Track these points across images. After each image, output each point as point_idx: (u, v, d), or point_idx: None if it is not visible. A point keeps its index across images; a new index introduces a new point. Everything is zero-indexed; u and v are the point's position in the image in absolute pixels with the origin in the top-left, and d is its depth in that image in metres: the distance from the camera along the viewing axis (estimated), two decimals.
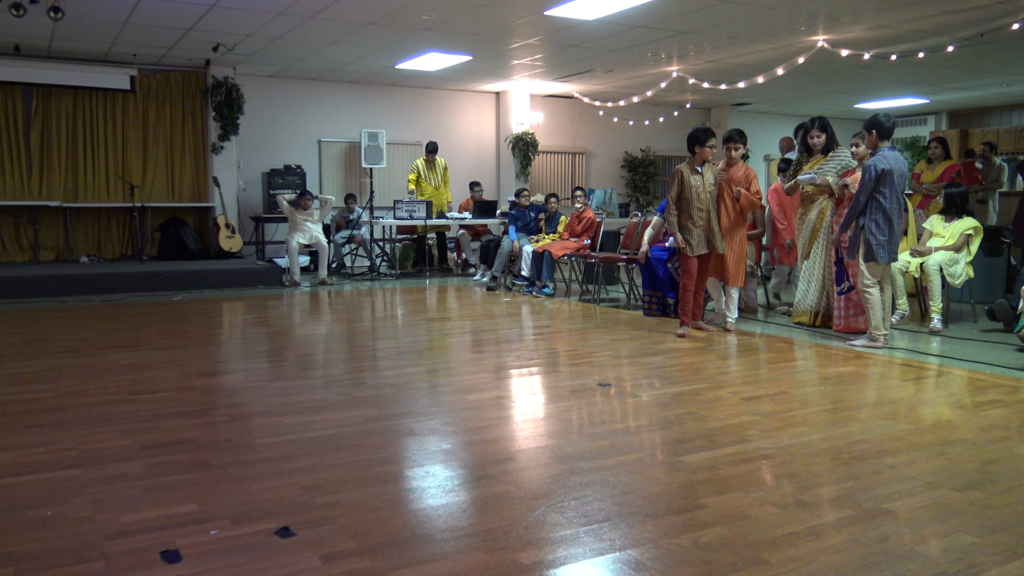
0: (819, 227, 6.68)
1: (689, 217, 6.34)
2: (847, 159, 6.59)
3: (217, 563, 2.41)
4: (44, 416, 4.03)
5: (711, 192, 6.38)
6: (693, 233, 6.34)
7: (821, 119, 6.74)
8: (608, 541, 2.58)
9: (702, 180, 6.38)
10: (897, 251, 5.86)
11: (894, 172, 5.70)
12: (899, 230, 5.84)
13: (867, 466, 3.32)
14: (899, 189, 5.77)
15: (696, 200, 6.32)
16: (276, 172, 11.77)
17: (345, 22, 8.64)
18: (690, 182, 6.36)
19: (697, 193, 6.33)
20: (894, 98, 14.33)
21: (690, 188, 6.34)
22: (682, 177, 6.40)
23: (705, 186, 6.37)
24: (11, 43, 9.71)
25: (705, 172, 6.41)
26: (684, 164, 6.48)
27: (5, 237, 10.73)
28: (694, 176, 6.39)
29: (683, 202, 6.40)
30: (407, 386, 4.74)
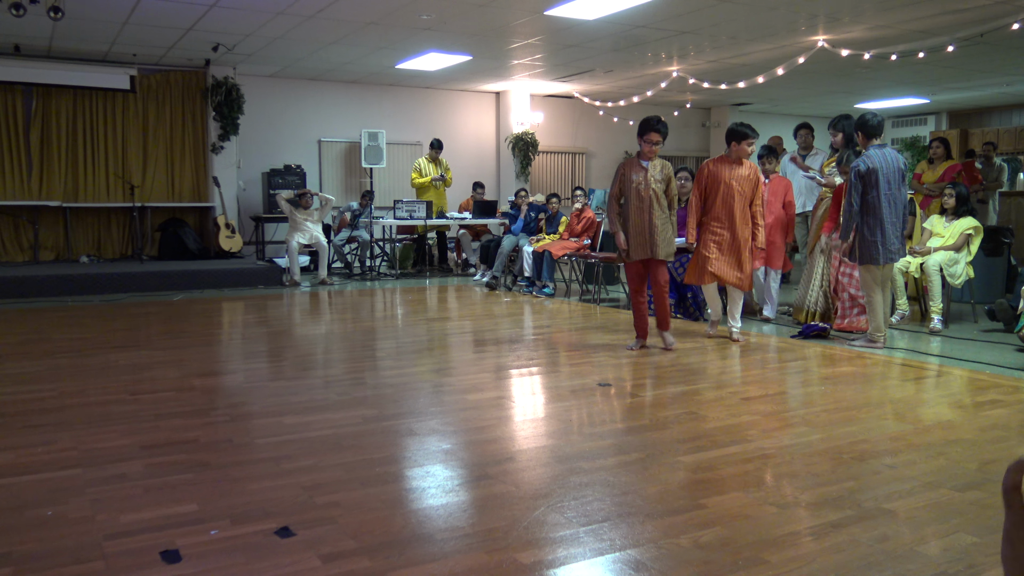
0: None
1: (627, 218, 5.72)
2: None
3: (217, 563, 2.41)
4: (44, 416, 4.03)
5: (655, 190, 5.64)
6: (631, 235, 5.71)
7: (846, 118, 6.68)
8: (608, 541, 2.58)
9: (644, 177, 5.66)
10: (897, 251, 5.75)
11: (879, 171, 5.63)
12: (894, 229, 5.70)
13: (867, 466, 3.32)
14: (893, 187, 5.66)
15: (635, 199, 5.65)
16: (276, 172, 11.77)
17: (345, 22, 8.64)
18: (630, 178, 5.70)
19: (637, 191, 5.64)
20: (894, 98, 14.33)
21: (629, 185, 5.70)
22: (623, 173, 5.78)
23: (648, 183, 5.64)
24: (11, 43, 9.71)
25: (650, 168, 5.69)
26: (630, 158, 5.92)
27: (5, 237, 10.72)
28: (636, 172, 5.70)
29: (625, 199, 5.78)
30: (407, 386, 4.74)
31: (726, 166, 5.99)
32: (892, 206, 5.69)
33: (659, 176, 5.69)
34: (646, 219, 5.64)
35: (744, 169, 5.99)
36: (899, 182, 5.72)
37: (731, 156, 5.99)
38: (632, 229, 5.67)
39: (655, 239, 5.65)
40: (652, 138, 5.61)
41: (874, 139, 5.78)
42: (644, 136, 5.66)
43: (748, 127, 6.05)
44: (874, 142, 5.77)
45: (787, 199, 6.97)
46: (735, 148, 6.00)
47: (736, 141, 5.99)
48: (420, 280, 10.80)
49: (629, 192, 5.68)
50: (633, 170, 5.70)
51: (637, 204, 5.64)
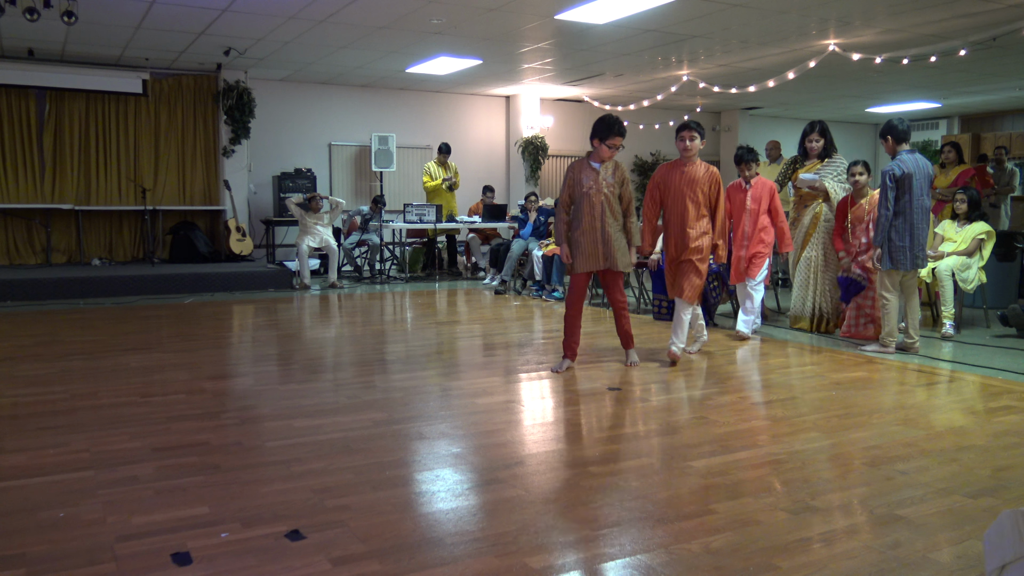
0: (812, 232, 6.61)
1: (578, 224, 5.18)
2: (844, 166, 6.57)
3: (227, 566, 2.41)
4: (56, 418, 4.06)
5: (607, 195, 5.13)
6: (580, 244, 5.16)
7: (821, 123, 6.71)
8: (618, 546, 2.57)
9: (596, 181, 5.14)
10: (920, 257, 5.67)
11: (913, 176, 5.61)
12: (922, 235, 5.67)
13: (879, 472, 3.30)
14: (923, 192, 5.65)
15: (587, 205, 5.12)
16: (287, 175, 11.82)
17: (356, 26, 8.67)
18: (580, 181, 5.16)
19: (588, 196, 5.12)
20: (906, 102, 14.27)
21: (580, 189, 5.17)
22: (572, 176, 5.22)
23: (600, 187, 5.12)
24: (25, 47, 9.78)
25: (602, 171, 5.16)
26: (579, 159, 5.33)
27: (18, 240, 10.80)
28: (587, 175, 5.16)
29: (575, 205, 5.24)
30: (417, 390, 4.74)
31: (677, 170, 5.48)
32: (920, 212, 5.66)
33: (612, 179, 5.17)
34: (599, 227, 5.11)
35: (697, 170, 5.41)
36: (928, 188, 5.72)
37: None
38: (584, 238, 5.13)
39: (611, 248, 5.13)
40: (616, 142, 5.11)
41: (904, 144, 5.75)
42: (607, 139, 5.08)
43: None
44: (904, 147, 5.74)
45: (773, 204, 6.49)
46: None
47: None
48: (430, 284, 10.81)
49: (580, 197, 5.16)
50: (584, 173, 5.16)
51: (589, 211, 5.11)
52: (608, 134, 5.07)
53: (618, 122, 5.11)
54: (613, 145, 5.10)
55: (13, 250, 10.76)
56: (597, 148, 5.13)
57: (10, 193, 10.66)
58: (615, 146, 5.12)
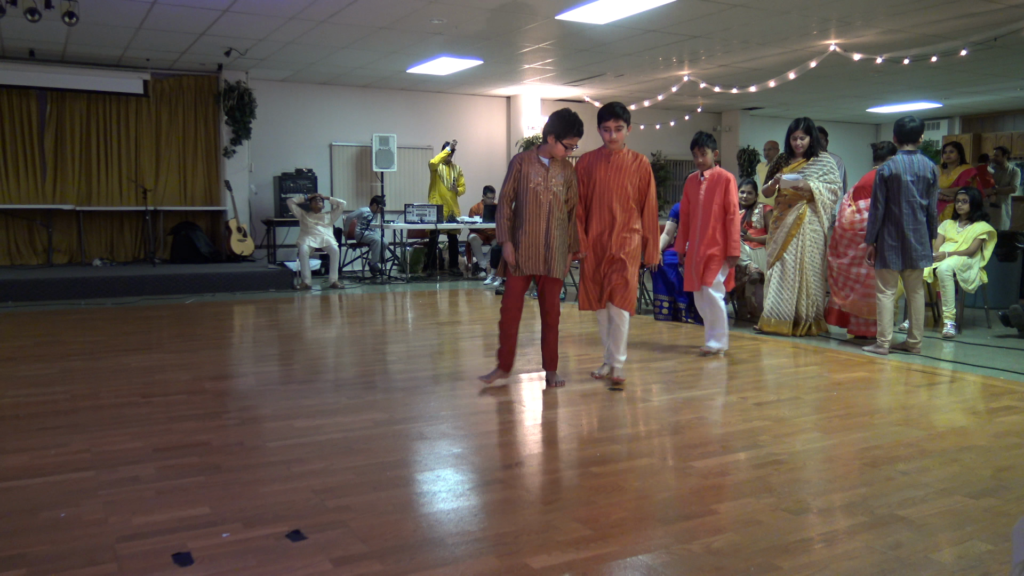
0: (795, 232, 6.39)
1: (520, 223, 4.71)
2: (831, 164, 6.40)
3: (228, 566, 2.41)
4: (57, 418, 4.06)
5: (556, 194, 4.68)
6: (522, 245, 4.69)
7: (806, 121, 6.45)
8: (619, 546, 2.57)
9: (545, 178, 4.68)
10: (920, 257, 5.65)
11: (901, 176, 5.63)
12: (916, 236, 5.64)
13: (880, 472, 3.30)
14: (917, 193, 5.63)
15: (532, 203, 4.66)
16: (287, 176, 11.83)
17: (356, 27, 8.67)
18: (528, 176, 4.68)
19: (535, 194, 4.66)
20: (906, 102, 14.27)
21: (526, 185, 4.68)
22: (519, 170, 4.72)
23: (548, 186, 4.67)
24: (26, 48, 9.79)
25: (552, 168, 4.71)
26: (527, 151, 4.83)
27: (19, 240, 10.81)
28: (535, 170, 4.68)
29: (517, 203, 4.76)
30: (417, 390, 4.74)
31: (601, 160, 4.88)
32: (913, 212, 5.64)
33: (561, 178, 4.73)
34: (543, 228, 4.66)
35: (624, 159, 4.85)
36: (924, 189, 5.67)
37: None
38: (525, 239, 4.67)
39: (551, 253, 4.68)
40: (574, 142, 4.68)
41: (907, 144, 5.75)
42: (565, 138, 4.63)
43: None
44: (908, 147, 5.74)
45: (728, 199, 5.66)
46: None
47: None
48: (431, 284, 10.81)
49: (525, 194, 4.68)
50: (532, 168, 4.69)
51: (535, 209, 4.65)
52: (567, 132, 4.62)
53: (578, 121, 4.66)
54: (570, 145, 4.69)
55: (14, 250, 10.77)
56: (551, 145, 4.67)
57: (11, 193, 10.67)
58: (572, 146, 4.70)
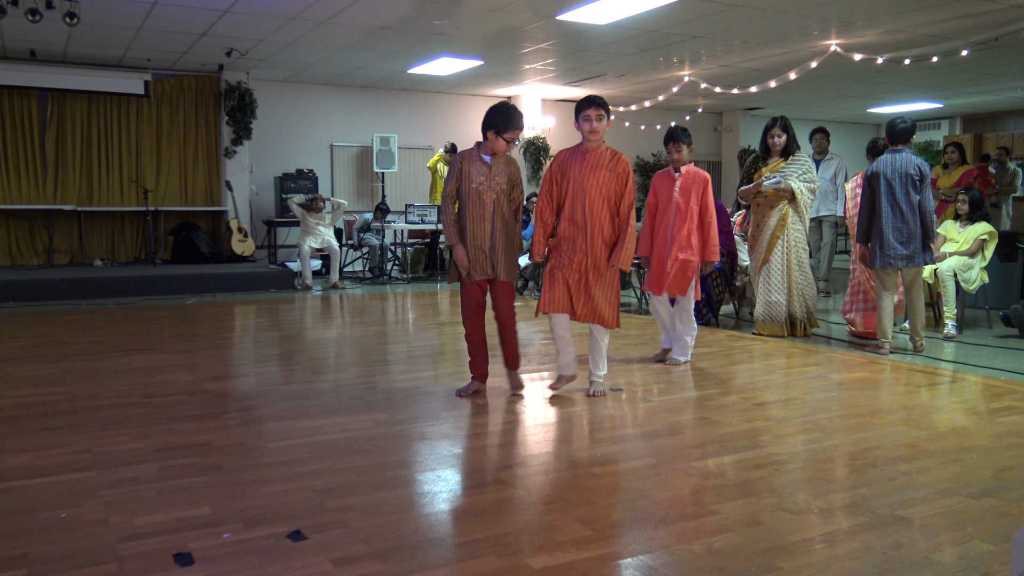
0: (779, 234, 6.28)
1: (464, 225, 4.46)
2: (809, 163, 6.31)
3: (229, 566, 2.41)
4: (58, 419, 4.06)
5: (500, 192, 4.44)
6: (468, 248, 4.44)
7: (783, 119, 6.37)
8: (620, 547, 2.57)
9: (488, 176, 4.44)
10: (901, 256, 5.66)
11: (881, 175, 5.68)
12: (897, 234, 5.64)
13: (881, 473, 3.29)
14: (899, 191, 5.62)
15: (476, 203, 4.42)
16: (288, 176, 11.83)
17: (357, 27, 8.67)
18: (470, 176, 4.44)
19: (478, 194, 4.42)
20: (907, 102, 14.26)
21: (468, 185, 4.43)
22: (460, 168, 4.48)
23: (492, 185, 4.43)
24: (27, 48, 9.79)
25: (495, 165, 4.46)
26: (467, 149, 4.58)
27: (20, 240, 10.81)
28: (478, 169, 4.44)
29: (460, 203, 4.49)
30: (418, 390, 4.74)
31: (577, 157, 4.52)
32: (896, 211, 5.65)
33: (504, 176, 4.48)
34: (488, 230, 4.42)
35: (602, 157, 4.47)
36: (908, 186, 5.64)
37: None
38: (470, 241, 4.42)
39: (498, 256, 4.45)
40: (515, 135, 4.43)
41: (898, 143, 5.77)
42: (505, 132, 4.38)
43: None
44: (899, 146, 5.77)
45: (706, 200, 5.30)
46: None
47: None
48: (431, 284, 10.81)
49: (468, 194, 4.43)
50: (474, 166, 4.44)
51: (478, 210, 4.42)
52: (507, 126, 4.37)
53: (518, 113, 4.42)
54: (511, 139, 4.43)
55: (15, 251, 10.77)
56: (492, 140, 4.42)
57: (12, 194, 10.67)
58: (513, 140, 4.44)
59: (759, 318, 6.58)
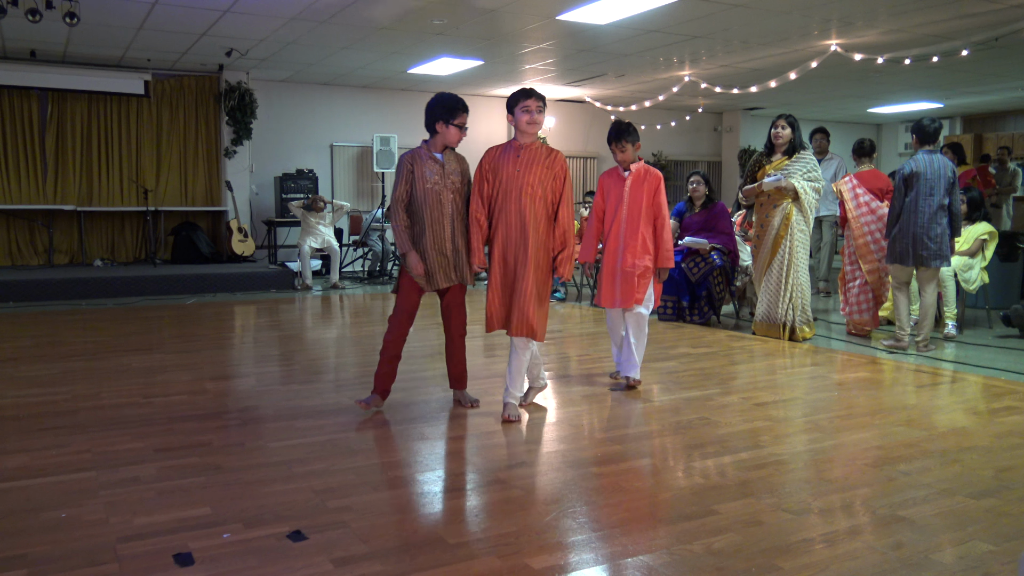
0: (783, 234, 6.18)
1: (421, 230, 4.11)
2: (813, 162, 6.23)
3: (229, 566, 2.41)
4: (58, 419, 4.06)
5: (456, 190, 4.15)
6: (426, 257, 4.11)
7: (789, 116, 6.31)
8: (620, 547, 2.57)
9: (442, 175, 4.13)
10: (924, 255, 5.74)
11: (921, 175, 5.78)
12: (927, 232, 5.73)
13: (881, 473, 3.29)
14: (937, 192, 5.75)
15: (433, 205, 4.09)
16: (288, 176, 11.82)
17: (357, 27, 8.67)
18: (424, 176, 4.11)
19: (435, 195, 4.09)
20: (908, 102, 14.26)
21: (422, 186, 4.10)
22: (410, 169, 4.13)
23: (447, 184, 4.13)
24: (27, 48, 9.79)
25: (448, 163, 4.16)
26: (416, 148, 4.19)
27: (20, 240, 10.81)
28: (430, 168, 4.12)
29: (413, 205, 4.14)
30: (418, 390, 4.74)
31: (510, 154, 4.14)
32: (929, 211, 5.77)
33: (458, 173, 4.20)
34: (448, 232, 4.12)
35: (538, 154, 4.11)
36: (945, 188, 5.79)
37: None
38: (431, 247, 4.10)
39: (461, 258, 4.17)
40: (464, 120, 4.16)
41: (928, 144, 5.90)
42: (454, 119, 4.11)
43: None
44: (928, 147, 5.89)
45: (659, 200, 4.76)
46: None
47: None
48: None
49: (423, 196, 4.10)
50: (426, 166, 4.12)
51: (436, 212, 4.09)
52: (454, 111, 4.10)
53: (459, 97, 4.16)
54: (462, 123, 4.14)
55: (15, 251, 10.77)
56: (443, 133, 4.12)
57: (12, 194, 10.67)
58: (463, 125, 4.16)
59: (758, 319, 6.55)
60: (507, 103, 4.17)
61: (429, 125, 4.17)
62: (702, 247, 7.17)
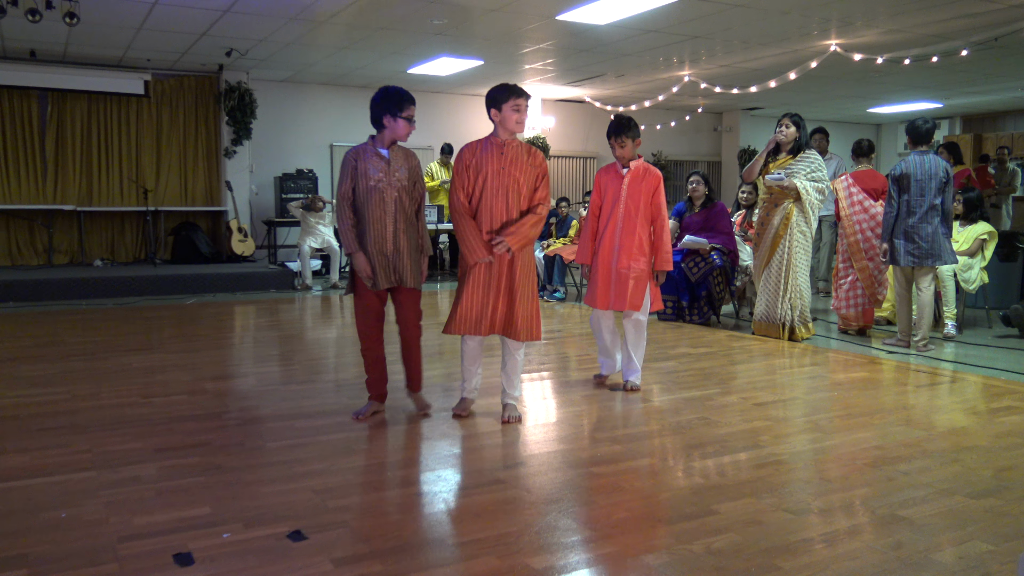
0: (783, 233, 6.15)
1: (365, 229, 3.98)
2: (818, 162, 6.18)
3: (229, 566, 2.41)
4: (58, 419, 4.06)
5: (401, 188, 4.00)
6: (369, 254, 3.98)
7: (796, 115, 6.26)
8: (620, 546, 2.57)
9: (387, 172, 3.99)
10: (918, 255, 5.82)
11: (911, 176, 5.83)
12: (922, 233, 5.80)
13: (881, 472, 3.30)
14: (928, 193, 5.80)
15: (377, 203, 3.95)
16: (288, 176, 11.82)
17: (357, 27, 8.67)
18: (367, 174, 3.96)
19: (379, 192, 3.95)
20: (907, 102, 14.25)
21: (366, 183, 3.96)
22: (355, 166, 3.99)
23: (392, 181, 3.98)
24: (27, 48, 9.79)
25: (393, 159, 4.03)
26: (361, 145, 4.10)
27: (20, 240, 10.81)
28: (374, 165, 3.99)
29: (357, 204, 4.00)
30: None
31: (493, 151, 4.04)
32: (921, 211, 5.82)
33: (404, 171, 4.04)
34: (390, 231, 3.97)
35: (519, 152, 4.05)
36: (937, 188, 5.82)
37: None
38: (373, 246, 3.96)
39: (402, 260, 4.01)
40: (411, 112, 4.03)
41: (921, 145, 5.96)
42: (402, 111, 3.98)
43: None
44: (920, 148, 5.96)
45: (657, 200, 4.64)
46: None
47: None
48: (431, 284, 10.81)
49: (366, 194, 3.95)
50: (370, 162, 3.98)
51: (378, 211, 3.95)
52: (401, 103, 3.98)
53: (405, 90, 4.04)
54: (410, 116, 4.01)
55: (15, 251, 10.77)
56: (391, 126, 4.00)
57: (12, 194, 10.67)
58: (412, 117, 4.02)
59: (757, 318, 6.55)
60: (491, 97, 4.02)
61: (375, 119, 4.04)
62: (702, 247, 7.17)
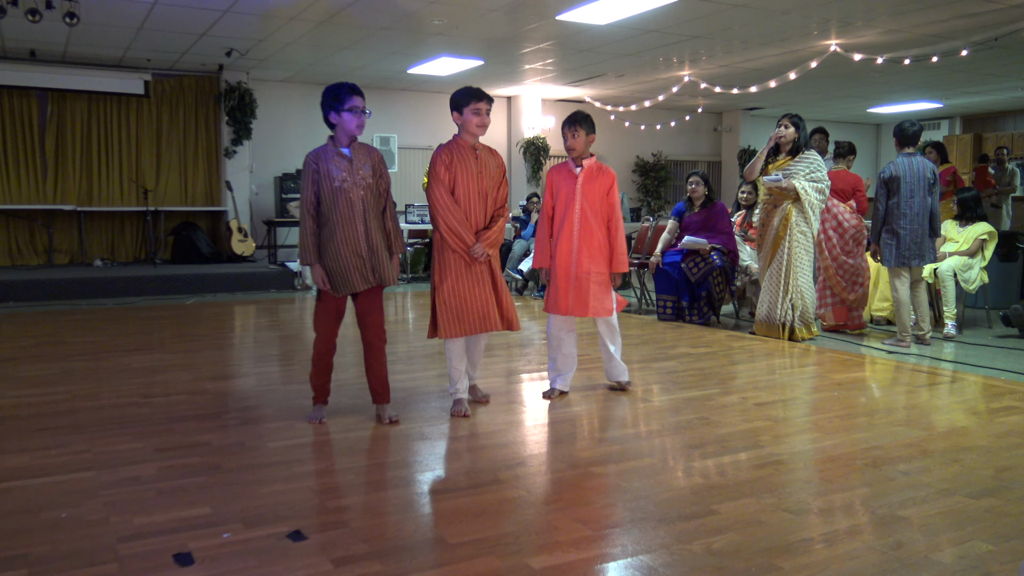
0: (783, 234, 6.15)
1: (333, 232, 3.83)
2: (818, 162, 6.17)
3: (229, 566, 2.41)
4: (58, 419, 4.06)
5: (367, 186, 3.87)
6: (342, 256, 3.84)
7: (795, 116, 6.26)
8: (620, 547, 2.57)
9: (351, 171, 3.85)
10: (906, 255, 5.94)
11: (901, 179, 5.93)
12: (912, 235, 5.92)
13: (881, 473, 3.29)
14: (917, 194, 5.91)
15: (343, 205, 3.82)
16: (288, 176, 11.83)
17: (357, 27, 8.67)
18: (330, 175, 3.82)
19: (345, 193, 3.81)
20: (907, 102, 14.26)
21: (330, 184, 3.82)
22: (316, 168, 3.85)
23: (356, 180, 3.85)
24: (27, 48, 9.79)
25: (356, 157, 3.89)
26: (320, 147, 3.93)
27: (20, 240, 10.81)
28: (337, 165, 3.84)
29: (323, 209, 3.86)
30: (418, 390, 4.74)
31: (466, 155, 4.10)
32: (911, 212, 5.92)
33: (368, 168, 3.91)
34: (361, 232, 3.83)
35: (487, 157, 4.16)
36: (925, 190, 5.93)
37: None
38: (343, 249, 3.82)
39: (378, 258, 3.89)
40: (361, 103, 3.87)
41: (907, 147, 6.04)
42: (347, 104, 3.83)
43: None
44: (908, 149, 6.03)
45: (612, 199, 4.51)
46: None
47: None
48: (421, 285, 10.80)
49: (332, 197, 3.82)
50: (332, 163, 3.84)
51: (346, 212, 3.81)
52: (350, 95, 3.83)
53: (347, 83, 3.89)
54: (357, 108, 3.85)
55: (15, 251, 10.77)
56: (338, 123, 3.86)
57: (12, 194, 10.68)
58: (359, 109, 3.86)
59: (759, 319, 6.54)
60: (453, 101, 4.10)
61: (325, 120, 3.93)
62: (702, 247, 7.17)
